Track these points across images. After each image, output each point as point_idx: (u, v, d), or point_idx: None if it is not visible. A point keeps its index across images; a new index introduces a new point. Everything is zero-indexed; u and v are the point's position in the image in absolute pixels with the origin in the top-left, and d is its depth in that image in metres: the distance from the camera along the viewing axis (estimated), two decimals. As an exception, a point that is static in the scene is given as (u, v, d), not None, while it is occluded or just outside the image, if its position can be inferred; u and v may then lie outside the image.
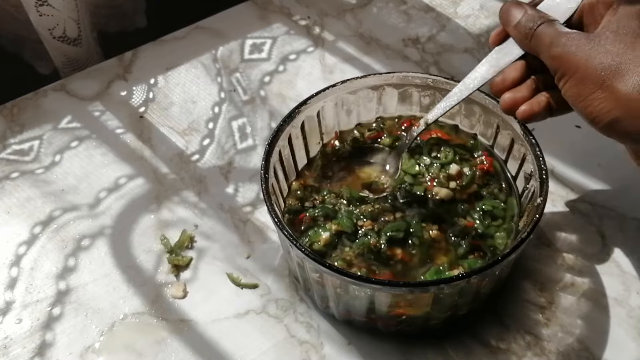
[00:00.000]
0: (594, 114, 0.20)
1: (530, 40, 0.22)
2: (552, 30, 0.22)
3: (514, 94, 0.23)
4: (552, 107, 0.23)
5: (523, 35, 0.22)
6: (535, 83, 0.23)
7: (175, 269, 0.28)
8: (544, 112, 0.23)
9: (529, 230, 0.23)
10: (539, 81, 0.23)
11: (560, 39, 0.21)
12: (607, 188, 0.31)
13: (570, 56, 0.21)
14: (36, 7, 0.35)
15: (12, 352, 0.26)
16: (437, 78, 0.28)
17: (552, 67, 0.22)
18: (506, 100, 0.23)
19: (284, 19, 0.39)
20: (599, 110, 0.20)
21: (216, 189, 0.31)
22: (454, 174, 0.27)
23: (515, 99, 0.23)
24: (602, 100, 0.20)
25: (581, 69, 0.20)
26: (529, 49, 0.23)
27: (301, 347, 0.26)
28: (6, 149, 0.33)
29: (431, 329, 0.25)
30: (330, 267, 0.23)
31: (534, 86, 0.23)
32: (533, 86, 0.23)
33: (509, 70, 0.23)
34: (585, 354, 0.25)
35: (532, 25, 0.22)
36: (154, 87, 0.36)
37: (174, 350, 0.26)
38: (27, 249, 0.29)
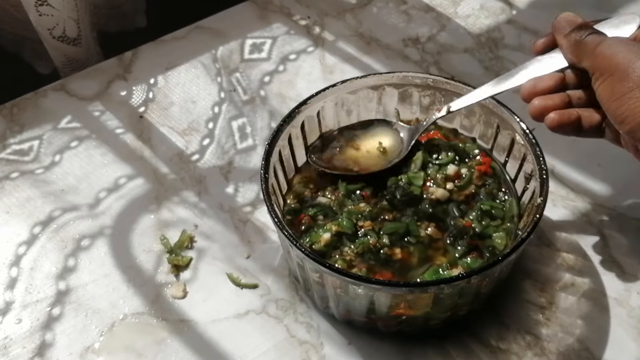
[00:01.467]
0: (626, 114, 0.20)
1: (578, 47, 0.22)
2: (599, 37, 0.22)
3: (545, 101, 0.23)
4: (582, 126, 0.23)
5: (571, 43, 0.22)
6: (568, 97, 0.23)
7: (175, 269, 0.28)
8: (572, 127, 0.23)
9: (529, 230, 0.23)
10: (573, 98, 0.23)
11: (606, 41, 0.22)
12: (608, 188, 0.30)
13: (612, 56, 0.21)
14: (36, 7, 0.35)
15: (12, 352, 0.26)
16: (437, 78, 0.28)
17: (592, 67, 0.22)
18: (535, 105, 0.23)
19: (284, 18, 0.39)
20: (632, 109, 0.20)
21: (216, 189, 0.31)
22: (452, 175, 0.27)
23: (546, 105, 0.23)
24: (637, 100, 0.20)
25: (621, 68, 0.20)
26: (574, 56, 0.23)
27: (301, 347, 0.26)
28: (6, 149, 0.33)
29: (431, 329, 0.25)
30: (331, 267, 0.23)
31: (566, 100, 0.23)
32: (566, 100, 0.23)
33: (544, 78, 0.23)
34: (586, 354, 0.25)
35: (582, 34, 0.22)
36: (153, 87, 0.36)
37: (173, 350, 0.26)
38: (26, 249, 0.29)
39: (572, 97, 0.23)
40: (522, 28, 0.39)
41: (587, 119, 0.23)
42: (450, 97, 0.28)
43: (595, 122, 0.23)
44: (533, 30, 0.38)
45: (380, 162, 0.27)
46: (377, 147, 0.27)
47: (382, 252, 0.25)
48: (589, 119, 0.23)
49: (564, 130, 0.23)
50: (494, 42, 0.38)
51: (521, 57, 0.37)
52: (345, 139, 0.28)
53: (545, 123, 0.23)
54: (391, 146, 0.27)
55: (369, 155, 0.27)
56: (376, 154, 0.27)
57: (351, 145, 0.27)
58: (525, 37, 0.38)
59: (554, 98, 0.23)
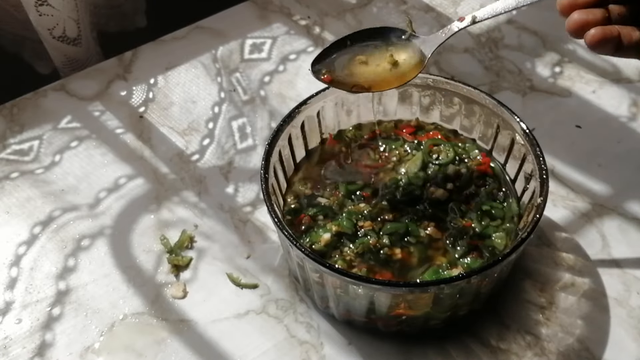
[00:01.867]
0: None
1: None
2: None
3: (586, 15, 0.21)
4: (622, 44, 0.21)
5: None
6: (608, 13, 0.21)
7: (175, 269, 0.28)
8: (613, 44, 0.21)
9: (529, 230, 0.23)
10: (613, 13, 0.21)
11: None
12: (608, 188, 0.30)
13: None
14: (36, 7, 0.35)
15: (12, 352, 0.26)
16: (437, 78, 0.28)
17: None
18: (576, 19, 0.21)
19: (284, 18, 0.39)
20: None
21: (216, 189, 0.31)
22: (452, 175, 0.27)
23: (587, 19, 0.21)
24: None
25: None
26: None
27: (301, 347, 0.26)
28: (6, 149, 0.33)
29: (431, 329, 0.25)
30: (331, 267, 0.23)
31: (606, 15, 0.21)
32: (606, 15, 0.21)
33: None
34: (586, 354, 0.25)
35: None
36: (153, 87, 0.36)
37: (173, 350, 0.26)
38: (26, 249, 0.29)
39: (612, 12, 0.21)
40: (522, 28, 0.39)
41: (626, 36, 0.21)
42: (450, 97, 0.28)
43: (636, 40, 0.21)
44: (533, 31, 0.38)
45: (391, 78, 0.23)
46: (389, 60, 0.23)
47: (382, 252, 0.25)
48: (629, 36, 0.21)
49: (605, 47, 0.21)
50: (494, 42, 0.38)
51: (521, 57, 0.37)
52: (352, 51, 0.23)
53: (585, 39, 0.21)
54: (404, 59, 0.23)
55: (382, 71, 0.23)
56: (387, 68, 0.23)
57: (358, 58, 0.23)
58: (525, 38, 0.38)
59: (595, 12, 0.21)
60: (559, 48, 0.37)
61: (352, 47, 0.24)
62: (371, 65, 0.24)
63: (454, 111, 0.29)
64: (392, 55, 0.24)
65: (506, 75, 0.36)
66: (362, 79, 0.23)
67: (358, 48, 0.24)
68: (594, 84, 0.35)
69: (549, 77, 0.36)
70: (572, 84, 0.35)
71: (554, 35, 0.38)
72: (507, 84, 0.35)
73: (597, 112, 0.34)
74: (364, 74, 0.23)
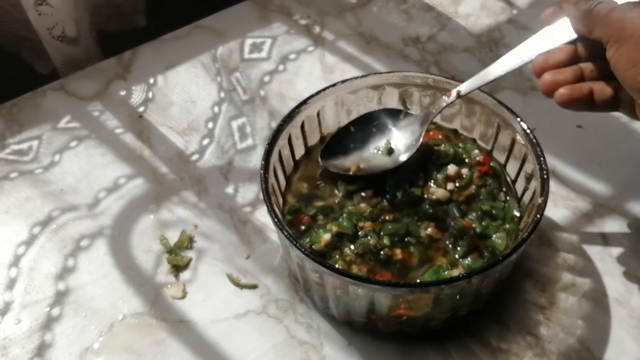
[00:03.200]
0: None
1: (588, 17, 0.21)
2: (609, 4, 0.21)
3: (555, 75, 0.22)
4: (594, 101, 0.22)
5: (581, 13, 0.21)
6: (580, 71, 0.22)
7: (174, 270, 0.28)
8: (583, 101, 0.22)
9: (529, 231, 0.23)
10: (586, 71, 0.22)
11: (618, 7, 0.21)
12: (608, 188, 0.30)
13: (626, 21, 0.20)
14: (35, 7, 0.35)
15: (11, 352, 0.26)
16: (437, 77, 0.28)
17: (605, 36, 0.20)
18: (546, 80, 0.22)
19: (283, 18, 0.39)
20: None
21: (216, 189, 0.31)
22: (452, 175, 0.27)
23: (556, 80, 0.22)
24: None
25: (637, 34, 0.19)
26: (584, 27, 0.21)
27: (301, 347, 0.26)
28: (5, 149, 0.33)
29: (432, 329, 0.25)
30: (331, 267, 0.23)
31: (578, 73, 0.22)
32: (578, 73, 0.22)
33: (555, 52, 0.22)
34: (586, 355, 0.25)
35: (591, 3, 0.21)
36: (153, 86, 0.36)
37: (173, 350, 0.26)
38: (26, 249, 0.29)
39: (584, 70, 0.22)
40: (523, 28, 0.39)
41: (599, 92, 0.22)
42: (451, 97, 0.28)
43: (609, 95, 0.22)
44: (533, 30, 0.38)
45: (387, 161, 0.26)
46: (384, 147, 0.26)
47: (382, 253, 0.25)
48: (602, 92, 0.22)
49: (575, 105, 0.22)
50: (494, 41, 0.38)
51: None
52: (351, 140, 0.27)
53: (555, 99, 0.22)
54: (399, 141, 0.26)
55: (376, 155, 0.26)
56: (383, 153, 0.26)
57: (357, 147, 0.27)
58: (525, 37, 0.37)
59: (565, 72, 0.22)
60: (559, 48, 0.37)
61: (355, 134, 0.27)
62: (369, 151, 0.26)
63: (455, 111, 0.29)
64: (389, 141, 0.27)
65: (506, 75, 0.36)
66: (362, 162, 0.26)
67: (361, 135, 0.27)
68: (594, 84, 0.35)
69: (550, 77, 0.36)
70: (572, 84, 0.35)
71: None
72: (508, 84, 0.35)
73: (598, 111, 0.34)
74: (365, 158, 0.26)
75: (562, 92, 0.22)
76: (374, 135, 0.27)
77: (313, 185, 0.28)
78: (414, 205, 0.26)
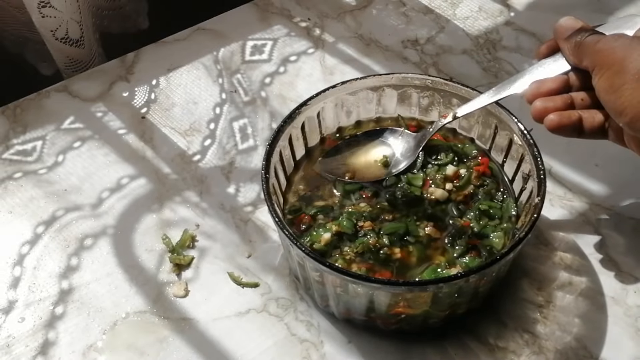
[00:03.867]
0: (625, 105, 0.21)
1: (578, 48, 0.22)
2: (598, 36, 0.22)
3: (546, 102, 0.23)
4: (583, 128, 0.23)
5: (572, 45, 0.23)
6: (571, 99, 0.23)
7: (176, 268, 0.28)
8: (572, 128, 0.23)
9: (527, 230, 0.23)
10: (576, 100, 0.23)
11: (605, 38, 0.22)
12: (604, 187, 0.31)
13: (610, 50, 0.21)
14: (39, 9, 0.35)
15: (15, 350, 0.26)
16: (435, 79, 0.28)
17: (592, 64, 0.22)
18: (537, 106, 0.23)
19: (284, 20, 0.40)
20: (629, 100, 0.20)
21: (217, 189, 0.32)
22: (451, 175, 0.27)
23: (546, 107, 0.23)
24: (634, 90, 0.20)
25: (619, 61, 0.21)
26: (575, 57, 0.23)
27: (301, 345, 0.26)
28: (9, 150, 0.34)
29: (430, 327, 0.26)
30: (331, 266, 0.23)
31: (569, 101, 0.23)
32: (568, 101, 0.23)
33: (547, 80, 0.24)
34: (583, 352, 0.25)
35: (582, 36, 0.23)
36: (155, 88, 0.36)
37: (175, 348, 0.26)
38: (30, 249, 0.29)
39: (575, 99, 0.23)
40: (520, 30, 0.39)
41: (588, 120, 0.23)
42: (449, 99, 0.29)
43: (598, 123, 0.23)
44: (530, 32, 0.39)
45: (381, 172, 0.27)
46: (381, 160, 0.27)
47: (381, 252, 0.25)
48: (591, 120, 0.23)
49: (564, 131, 0.23)
50: (492, 43, 0.38)
51: (519, 59, 0.37)
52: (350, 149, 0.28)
53: (545, 125, 0.23)
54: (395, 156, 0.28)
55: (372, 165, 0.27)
56: (379, 164, 0.27)
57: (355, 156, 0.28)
58: (522, 39, 0.38)
59: (555, 100, 0.23)
60: (556, 50, 0.38)
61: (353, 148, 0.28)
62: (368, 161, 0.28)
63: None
64: (385, 156, 0.28)
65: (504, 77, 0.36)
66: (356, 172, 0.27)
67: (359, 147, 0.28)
68: (591, 85, 0.36)
69: (547, 79, 0.36)
70: (569, 85, 0.36)
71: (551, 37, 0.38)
72: (506, 85, 0.36)
73: (595, 113, 0.34)
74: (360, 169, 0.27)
75: (552, 118, 0.23)
76: (372, 149, 0.28)
77: (313, 185, 0.28)
78: (412, 205, 0.27)
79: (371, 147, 0.28)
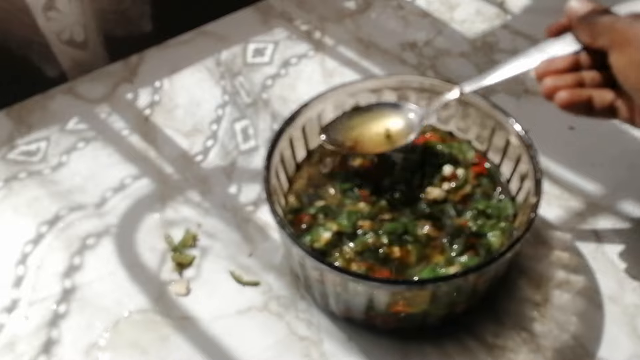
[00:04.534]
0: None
1: (593, 27, 0.22)
2: (615, 15, 0.22)
3: (556, 80, 0.22)
4: (593, 107, 0.22)
5: (586, 24, 0.22)
6: (581, 78, 0.23)
7: (178, 267, 0.29)
8: (583, 105, 0.22)
9: (524, 229, 0.24)
10: (586, 79, 0.23)
11: (623, 17, 0.22)
12: (601, 187, 0.31)
13: (630, 28, 0.21)
14: (44, 12, 0.35)
15: (18, 348, 0.26)
16: (433, 81, 0.29)
17: (609, 42, 0.21)
18: (547, 84, 0.22)
19: (285, 24, 0.40)
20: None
21: (219, 189, 0.32)
22: (448, 176, 0.27)
23: (557, 84, 0.22)
24: None
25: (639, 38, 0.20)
26: (589, 36, 0.22)
27: (302, 343, 0.26)
28: (14, 150, 0.34)
29: (429, 326, 0.26)
30: (331, 265, 0.23)
31: (579, 80, 0.23)
32: (578, 80, 0.23)
33: (557, 59, 0.23)
34: (580, 351, 0.25)
35: (597, 16, 0.22)
36: (159, 90, 0.37)
37: (177, 346, 0.26)
38: (33, 248, 0.30)
39: (586, 78, 0.23)
40: (517, 33, 0.39)
41: (599, 98, 0.22)
42: (447, 100, 0.29)
43: (608, 101, 0.22)
44: (527, 35, 0.39)
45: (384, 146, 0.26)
46: (384, 132, 0.26)
47: (381, 251, 0.25)
48: (601, 98, 0.22)
49: (575, 109, 0.22)
50: (489, 46, 0.38)
51: (517, 62, 0.38)
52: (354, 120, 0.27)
53: (555, 102, 0.22)
54: (398, 130, 0.27)
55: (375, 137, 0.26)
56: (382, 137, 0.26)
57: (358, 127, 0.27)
58: (519, 42, 0.39)
59: (566, 78, 0.22)
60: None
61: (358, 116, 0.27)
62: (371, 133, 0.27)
63: (450, 113, 0.30)
64: (388, 129, 0.27)
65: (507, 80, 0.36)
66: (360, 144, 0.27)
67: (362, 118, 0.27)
68: (587, 88, 0.36)
69: (544, 81, 0.36)
70: (566, 88, 0.36)
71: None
72: (502, 87, 0.36)
73: (591, 114, 0.35)
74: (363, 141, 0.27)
75: (563, 95, 0.22)
76: (375, 121, 0.27)
77: (314, 186, 0.28)
78: (411, 204, 0.27)
79: (375, 119, 0.27)
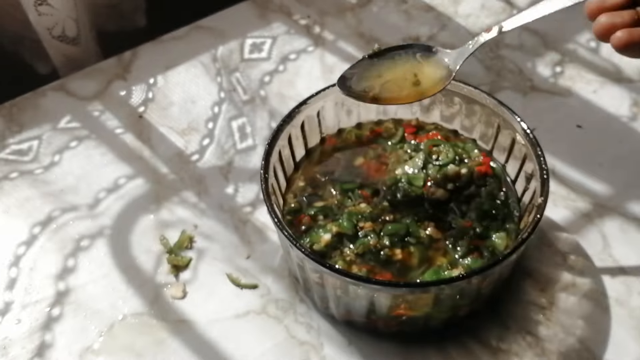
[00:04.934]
0: None
1: None
2: None
3: (613, 18, 0.20)
4: None
5: None
6: (638, 15, 0.21)
7: (174, 270, 0.28)
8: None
9: (529, 231, 0.23)
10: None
11: None
12: (608, 188, 0.30)
13: None
14: (35, 7, 0.35)
15: (11, 352, 0.26)
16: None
17: None
18: (602, 22, 0.21)
19: (283, 18, 0.39)
20: None
21: (216, 189, 0.31)
22: (452, 175, 0.27)
23: (614, 22, 0.20)
24: None
25: None
26: None
27: (301, 347, 0.26)
28: (5, 149, 0.33)
29: (432, 329, 0.25)
30: (331, 267, 0.23)
31: (636, 17, 0.21)
32: (635, 17, 0.20)
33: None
34: (586, 355, 0.25)
35: None
36: (153, 86, 0.36)
37: (173, 350, 0.26)
38: (26, 250, 0.29)
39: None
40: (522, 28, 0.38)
41: None
42: (451, 97, 0.28)
43: None
44: (533, 30, 0.38)
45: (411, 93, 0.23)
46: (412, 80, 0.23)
47: (382, 253, 0.25)
48: None
49: (632, 51, 0.21)
50: (494, 41, 0.37)
51: (522, 57, 0.37)
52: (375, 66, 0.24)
53: (612, 42, 0.20)
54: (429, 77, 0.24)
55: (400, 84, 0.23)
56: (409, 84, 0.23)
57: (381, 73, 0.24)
58: (525, 37, 0.38)
59: (623, 15, 0.21)
60: (559, 48, 0.37)
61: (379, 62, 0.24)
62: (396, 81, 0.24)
63: (455, 111, 0.29)
64: (416, 74, 0.24)
65: (507, 75, 0.36)
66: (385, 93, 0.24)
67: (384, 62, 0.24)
68: (594, 84, 0.35)
69: (550, 77, 0.36)
70: (572, 84, 0.35)
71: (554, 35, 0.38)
72: (508, 84, 0.35)
73: (598, 111, 0.34)
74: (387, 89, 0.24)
75: (620, 35, 0.20)
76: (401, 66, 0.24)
77: (313, 186, 0.28)
78: (414, 205, 0.26)
79: (400, 64, 0.24)
